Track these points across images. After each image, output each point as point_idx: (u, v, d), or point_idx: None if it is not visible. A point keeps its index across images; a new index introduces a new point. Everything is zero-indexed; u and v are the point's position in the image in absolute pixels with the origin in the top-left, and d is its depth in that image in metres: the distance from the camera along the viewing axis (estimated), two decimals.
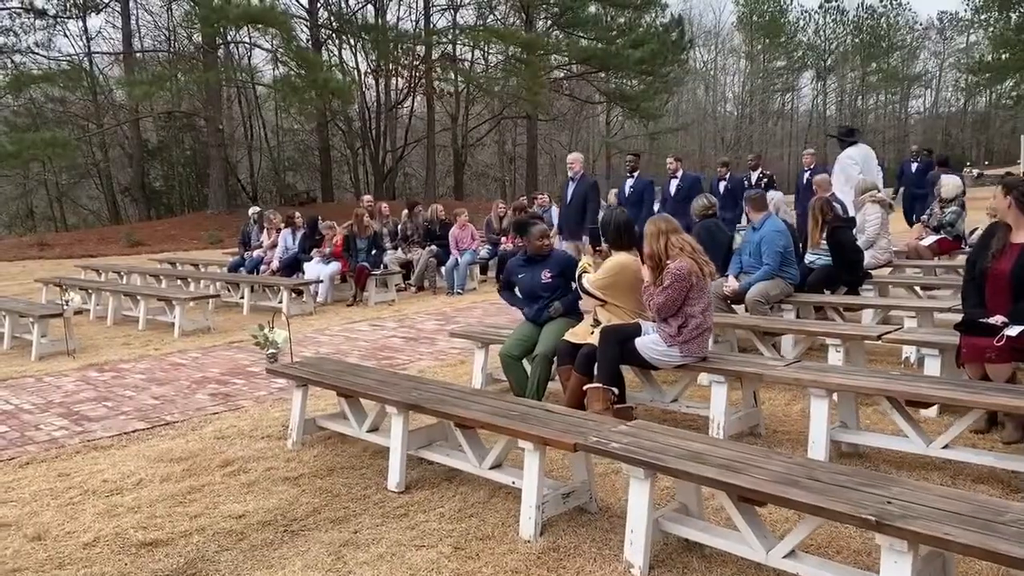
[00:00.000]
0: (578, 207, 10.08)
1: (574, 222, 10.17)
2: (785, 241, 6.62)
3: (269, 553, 3.57)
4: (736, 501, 3.00)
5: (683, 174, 11.33)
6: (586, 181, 10.26)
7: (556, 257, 5.75)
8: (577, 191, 10.14)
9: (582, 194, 10.08)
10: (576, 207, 10.12)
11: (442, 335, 8.71)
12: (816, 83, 67.06)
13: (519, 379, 5.52)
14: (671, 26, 39.11)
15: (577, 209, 10.12)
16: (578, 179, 10.22)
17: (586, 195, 10.06)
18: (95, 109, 36.95)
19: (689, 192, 10.62)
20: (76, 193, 43.29)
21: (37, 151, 27.19)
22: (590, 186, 10.24)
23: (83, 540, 3.75)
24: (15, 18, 34.67)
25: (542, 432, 3.54)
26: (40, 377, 7.33)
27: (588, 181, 10.29)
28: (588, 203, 10.02)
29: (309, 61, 28.26)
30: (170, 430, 5.49)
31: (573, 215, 10.20)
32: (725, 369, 4.59)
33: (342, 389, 4.73)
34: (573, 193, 10.19)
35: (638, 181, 11.02)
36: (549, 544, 3.50)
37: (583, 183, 10.19)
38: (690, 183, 11.15)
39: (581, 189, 10.12)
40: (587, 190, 10.14)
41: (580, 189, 10.12)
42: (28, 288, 15.06)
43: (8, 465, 4.87)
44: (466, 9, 38.69)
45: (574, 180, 10.25)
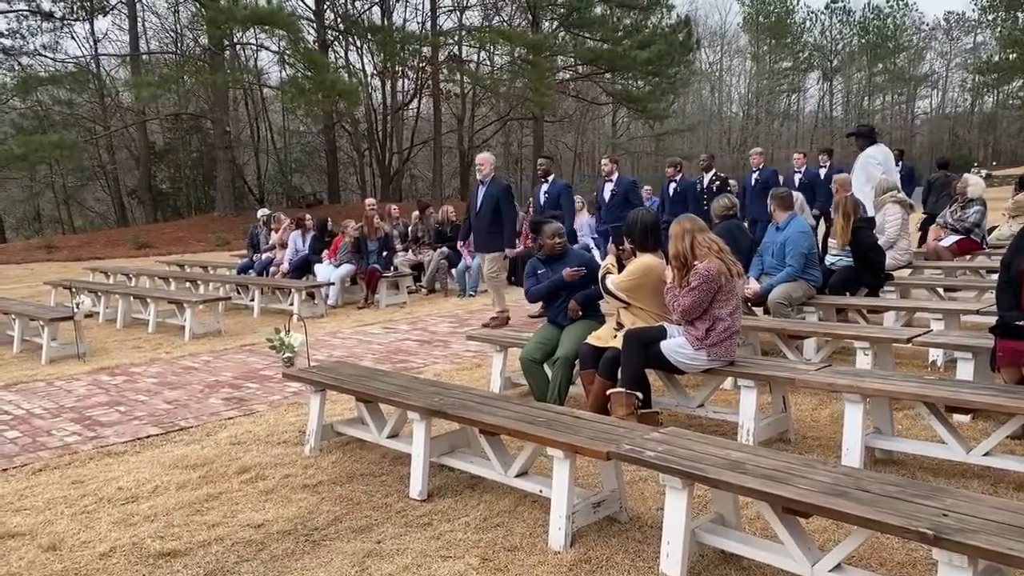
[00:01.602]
0: (489, 214, 8.79)
1: (485, 232, 8.89)
2: (810, 242, 6.50)
3: (291, 564, 3.47)
4: (780, 512, 2.89)
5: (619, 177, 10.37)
6: (498, 184, 8.90)
7: (573, 256, 5.65)
8: (488, 196, 8.82)
9: (493, 199, 8.76)
10: (487, 214, 8.81)
11: (456, 338, 8.61)
12: (822, 84, 66.94)
13: (540, 383, 5.41)
14: (678, 27, 38.96)
15: (488, 216, 8.81)
16: (488, 182, 8.88)
17: (498, 200, 8.76)
18: (102, 111, 37.03)
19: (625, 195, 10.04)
20: (83, 195, 43.37)
21: (44, 153, 27.20)
22: (502, 190, 8.87)
23: (99, 550, 3.65)
24: (22, 20, 34.76)
25: (572, 439, 3.43)
26: (51, 381, 7.25)
27: (500, 184, 8.94)
28: (502, 209, 8.75)
29: (316, 63, 28.21)
30: (185, 436, 5.39)
31: (483, 223, 8.88)
32: (755, 373, 4.47)
33: (362, 394, 4.63)
34: (483, 198, 8.86)
35: (553, 186, 9.68)
36: (580, 555, 3.39)
37: (494, 186, 8.85)
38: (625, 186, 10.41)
39: (492, 193, 8.80)
40: (499, 194, 8.80)
41: (491, 193, 8.80)
42: (36, 291, 15.01)
43: (21, 472, 4.78)
44: (472, 10, 38.67)
45: (484, 183, 8.91)
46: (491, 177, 8.92)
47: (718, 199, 7.16)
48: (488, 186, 8.87)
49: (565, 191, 9.73)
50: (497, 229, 8.82)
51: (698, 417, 5.02)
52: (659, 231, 5.08)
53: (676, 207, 10.37)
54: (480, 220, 8.94)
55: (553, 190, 9.62)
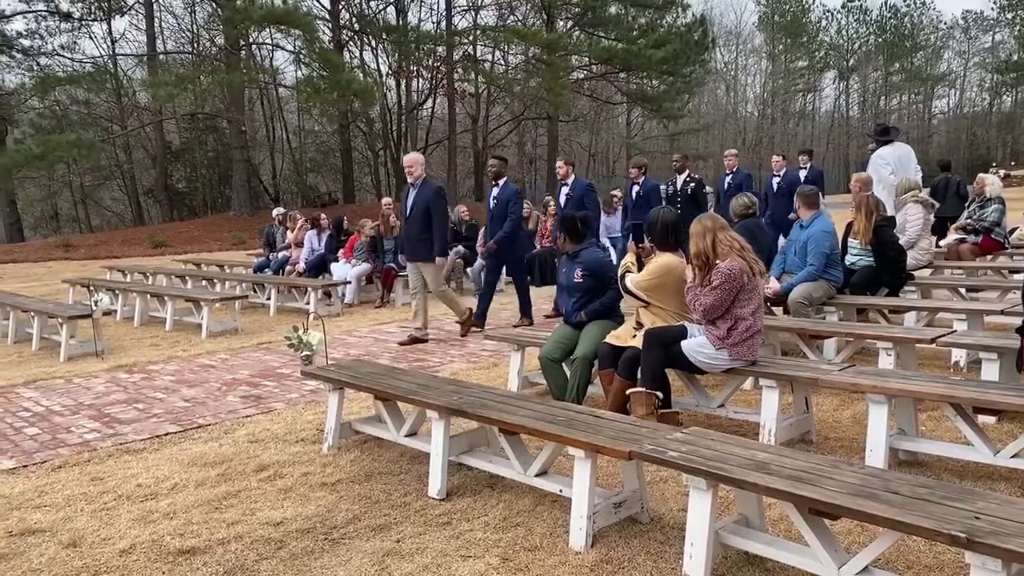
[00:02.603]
0: (419, 220, 8.05)
1: (415, 239, 8.14)
2: (832, 242, 6.44)
3: (310, 562, 3.45)
4: (805, 514, 2.85)
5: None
6: (429, 187, 8.13)
7: (586, 257, 5.57)
8: (418, 200, 8.09)
9: (424, 203, 8.03)
10: (416, 220, 8.07)
11: (472, 336, 8.59)
12: (838, 83, 66.60)
13: (559, 382, 5.38)
14: (693, 26, 38.83)
15: (418, 222, 8.07)
16: (419, 185, 8.14)
17: (428, 205, 8.03)
18: (119, 111, 37.30)
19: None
20: (100, 195, 43.71)
21: (62, 153, 27.40)
22: (433, 193, 8.10)
23: (119, 547, 3.65)
24: (41, 21, 35.06)
25: (594, 439, 3.40)
26: (69, 378, 7.28)
27: (431, 187, 8.15)
28: (432, 215, 8.01)
29: (332, 62, 28.29)
30: (203, 433, 5.39)
31: (413, 230, 8.14)
32: (777, 373, 4.42)
33: (380, 392, 4.61)
34: (413, 202, 8.14)
35: (504, 189, 9.01)
36: (601, 556, 3.35)
37: (425, 189, 8.09)
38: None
39: (423, 197, 8.06)
40: (430, 198, 8.05)
41: (421, 197, 8.06)
42: (54, 289, 15.12)
43: (41, 468, 4.79)
44: (487, 10, 38.67)
45: (414, 187, 8.16)
46: (422, 179, 8.18)
47: (737, 197, 7.11)
48: (418, 189, 8.15)
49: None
50: (429, 236, 8.07)
51: (718, 417, 4.98)
52: (680, 230, 5.03)
53: (640, 212, 9.67)
54: (410, 226, 8.21)
55: (503, 194, 8.97)
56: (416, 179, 8.16)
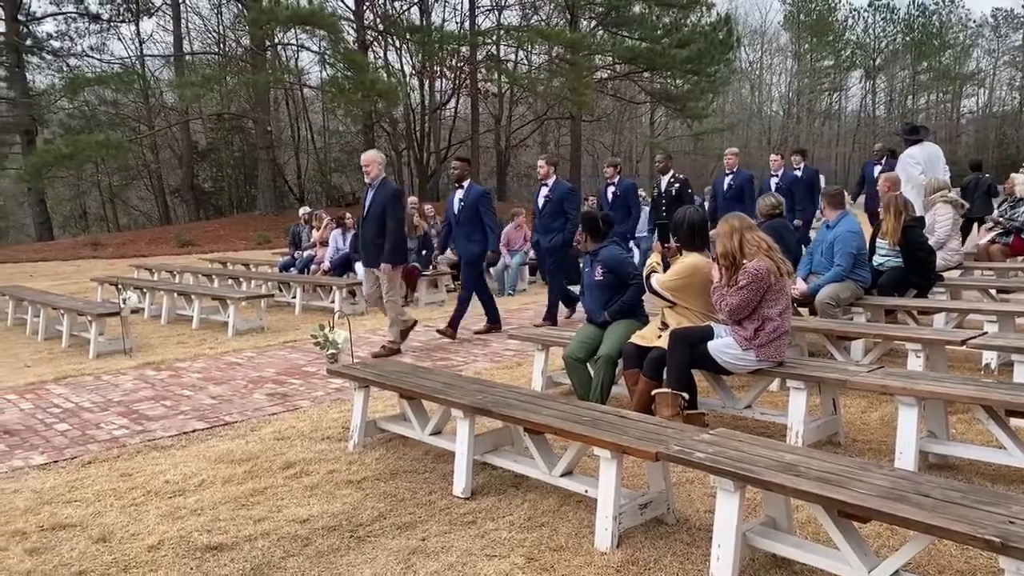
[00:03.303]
0: (375, 222, 7.59)
1: (371, 243, 7.69)
2: (859, 242, 6.37)
3: (336, 560, 3.47)
4: (835, 516, 2.82)
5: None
6: (386, 188, 7.66)
7: (604, 255, 5.54)
8: (374, 201, 7.62)
9: (380, 205, 7.56)
10: (372, 222, 7.61)
11: (495, 336, 8.61)
12: (865, 82, 65.82)
13: (583, 382, 5.37)
14: (718, 25, 38.55)
15: (374, 225, 7.60)
16: (376, 185, 7.65)
17: (385, 206, 7.55)
18: (146, 111, 37.74)
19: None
20: (127, 194, 44.24)
21: (91, 153, 27.75)
22: (391, 194, 7.64)
23: (148, 543, 3.68)
24: (71, 22, 35.57)
25: (620, 439, 3.39)
26: (98, 375, 7.37)
27: (389, 188, 7.70)
28: (387, 217, 7.52)
29: (356, 63, 28.41)
30: (229, 430, 5.44)
31: (369, 233, 7.68)
32: (805, 375, 4.38)
33: (406, 391, 4.62)
34: (369, 203, 7.68)
35: (471, 188, 8.51)
36: (627, 557, 3.34)
37: (382, 190, 7.63)
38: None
39: (380, 198, 7.60)
40: (386, 200, 7.58)
41: (379, 198, 7.60)
42: (83, 287, 15.31)
43: (71, 464, 4.86)
44: (510, 10, 38.66)
45: (372, 187, 7.68)
46: (380, 179, 7.69)
47: (764, 197, 7.06)
48: (376, 190, 7.67)
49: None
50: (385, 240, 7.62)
51: (744, 418, 4.95)
52: (707, 230, 5.00)
53: (617, 213, 9.58)
54: (366, 229, 7.76)
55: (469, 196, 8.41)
56: (373, 179, 7.69)
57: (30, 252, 27.69)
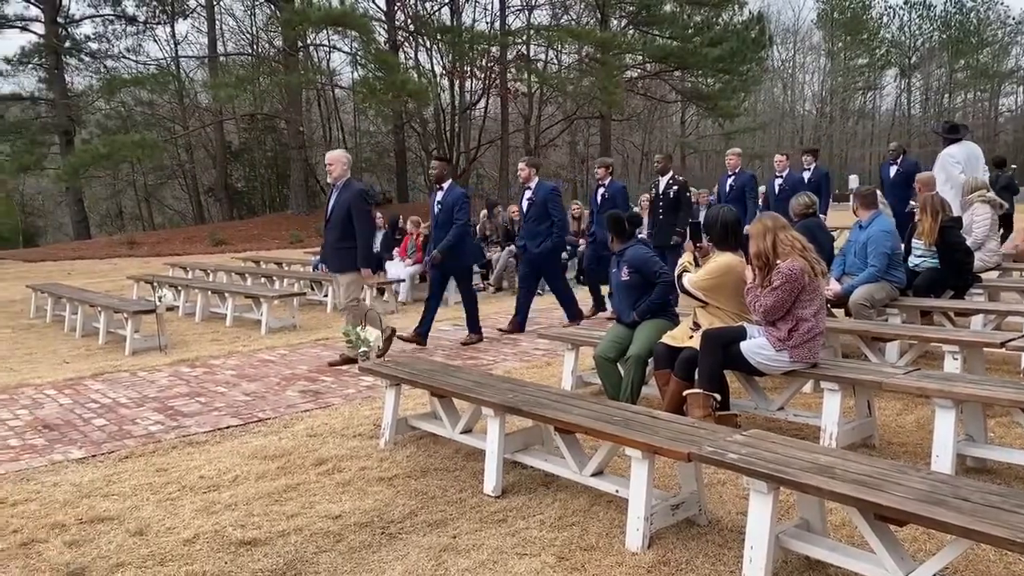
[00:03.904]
0: (339, 225, 7.22)
1: (333, 247, 7.34)
2: (893, 242, 6.29)
3: (368, 556, 3.49)
4: (871, 519, 2.78)
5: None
6: (351, 189, 7.26)
7: (630, 255, 5.51)
8: (339, 203, 7.25)
9: (344, 206, 7.19)
10: (337, 225, 7.24)
11: (524, 335, 8.61)
12: (900, 81, 64.87)
13: (613, 382, 5.35)
14: (750, 24, 38.25)
15: (338, 228, 7.23)
16: (340, 186, 7.30)
17: (350, 207, 7.17)
18: (181, 112, 38.28)
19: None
20: (162, 193, 44.92)
21: (127, 152, 28.22)
22: (356, 195, 7.21)
23: (183, 536, 3.74)
24: (108, 25, 36.19)
25: (652, 440, 3.37)
26: (134, 372, 7.48)
27: (354, 188, 7.28)
28: (354, 220, 7.16)
29: (387, 63, 28.59)
30: (263, 427, 5.50)
31: (332, 236, 7.32)
32: (839, 376, 4.33)
33: (437, 389, 4.64)
34: (333, 205, 7.31)
35: (452, 190, 8.02)
36: (658, 557, 3.33)
37: (347, 191, 7.24)
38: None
39: (344, 199, 7.22)
40: (351, 201, 7.18)
41: (342, 200, 7.23)
42: (119, 285, 15.56)
43: (108, 458, 4.94)
44: (541, 9, 38.64)
45: (336, 188, 7.33)
46: (344, 180, 7.32)
47: (797, 197, 6.98)
48: (339, 191, 7.30)
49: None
50: (350, 244, 7.23)
51: (777, 420, 4.90)
52: (740, 229, 4.96)
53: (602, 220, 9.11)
54: (330, 232, 7.34)
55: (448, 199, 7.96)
56: (337, 179, 7.33)
57: (68, 250, 28.22)
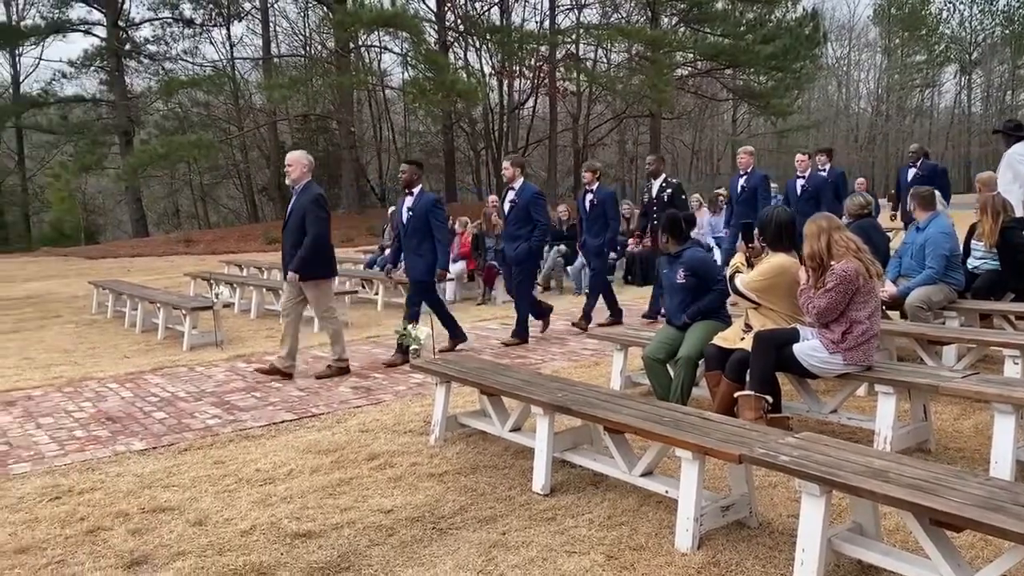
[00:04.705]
0: (296, 230, 6.82)
1: (289, 252, 6.92)
2: (952, 244, 6.16)
3: (419, 550, 3.55)
4: (926, 525, 2.75)
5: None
6: (309, 192, 6.86)
7: (687, 257, 5.47)
8: (296, 207, 6.88)
9: (301, 211, 6.81)
10: (294, 230, 6.84)
11: (573, 335, 8.62)
12: (960, 78, 63.13)
13: (663, 383, 5.34)
14: (804, 20, 37.61)
15: (295, 232, 6.82)
16: (299, 189, 6.91)
17: (305, 213, 6.79)
18: (236, 112, 39.06)
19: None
20: (217, 193, 45.91)
21: (184, 153, 28.91)
22: (312, 200, 6.82)
23: (240, 528, 3.84)
24: (166, 28, 37.10)
25: (702, 441, 3.37)
26: (192, 367, 7.68)
27: (311, 192, 6.87)
28: (308, 225, 6.74)
29: (437, 63, 28.80)
30: (316, 422, 5.61)
31: (289, 241, 6.92)
32: (894, 380, 4.27)
33: (486, 387, 4.69)
34: (291, 209, 6.95)
35: (422, 196, 7.56)
36: (708, 558, 3.32)
37: (305, 194, 6.86)
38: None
39: (301, 204, 6.84)
40: (307, 205, 6.80)
41: (300, 204, 6.86)
42: (176, 282, 15.96)
43: (169, 451, 5.09)
44: (590, 8, 38.51)
45: (296, 191, 6.95)
46: (303, 183, 6.94)
47: (852, 197, 6.88)
48: (298, 194, 6.94)
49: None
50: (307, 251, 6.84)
51: (830, 423, 4.84)
52: (794, 229, 4.91)
53: (593, 224, 8.92)
54: (287, 236, 6.96)
55: (419, 204, 7.54)
56: (295, 181, 6.94)
57: (127, 248, 29.04)
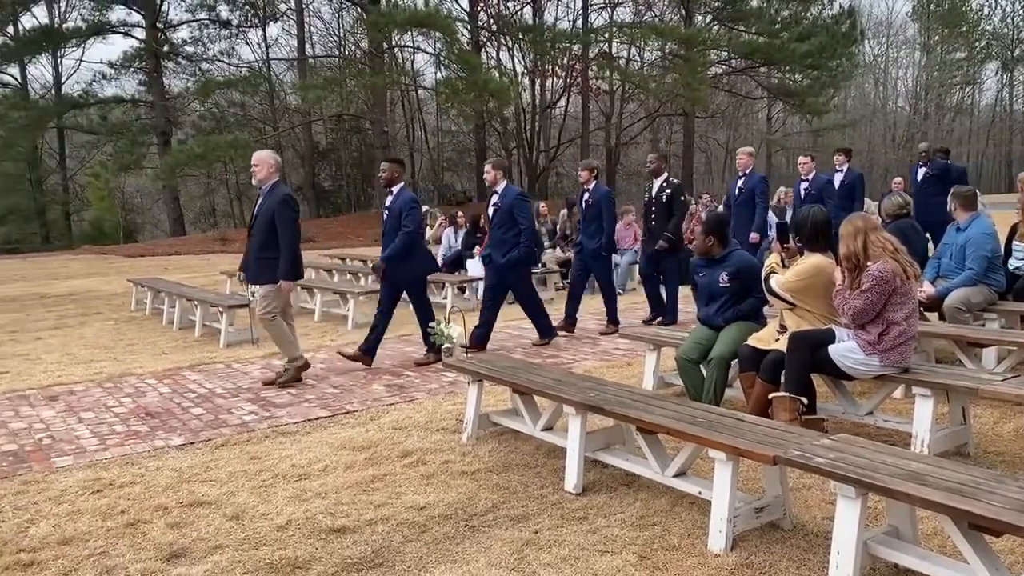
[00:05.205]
0: (262, 233, 6.58)
1: (255, 256, 6.70)
2: (993, 245, 6.06)
3: (452, 547, 3.58)
4: (965, 529, 2.71)
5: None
6: (276, 193, 6.61)
7: (734, 259, 5.43)
8: (262, 209, 6.63)
9: (268, 213, 6.56)
10: (260, 232, 6.60)
11: (605, 335, 8.60)
12: (1001, 75, 61.85)
13: (696, 384, 5.31)
14: (840, 18, 37.09)
15: (260, 235, 6.60)
16: (265, 190, 6.67)
17: (273, 214, 6.54)
18: (271, 113, 39.45)
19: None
20: (253, 192, 46.30)
21: (220, 153, 29.27)
22: (279, 201, 6.56)
23: (276, 522, 3.90)
24: (203, 29, 37.61)
25: (736, 442, 3.36)
26: (229, 363, 7.79)
27: (278, 193, 6.61)
28: (278, 228, 6.53)
29: (470, 63, 28.87)
30: (350, 419, 5.67)
31: (255, 244, 6.69)
32: (933, 382, 4.21)
33: (518, 386, 4.71)
34: (257, 211, 6.72)
35: (401, 194, 7.40)
36: (741, 560, 3.31)
37: (271, 196, 6.60)
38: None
39: (268, 205, 6.59)
40: (275, 207, 6.54)
41: (266, 205, 6.61)
42: (212, 280, 16.17)
43: (206, 446, 5.18)
44: (624, 6, 38.35)
45: (262, 192, 6.71)
46: (270, 183, 6.66)
47: (890, 198, 6.78)
48: (264, 196, 6.67)
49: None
50: (272, 255, 6.56)
51: (866, 425, 4.79)
52: (831, 229, 4.86)
53: (588, 225, 8.69)
54: (253, 239, 6.71)
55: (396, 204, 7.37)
56: (261, 181, 6.68)
57: (165, 246, 29.48)
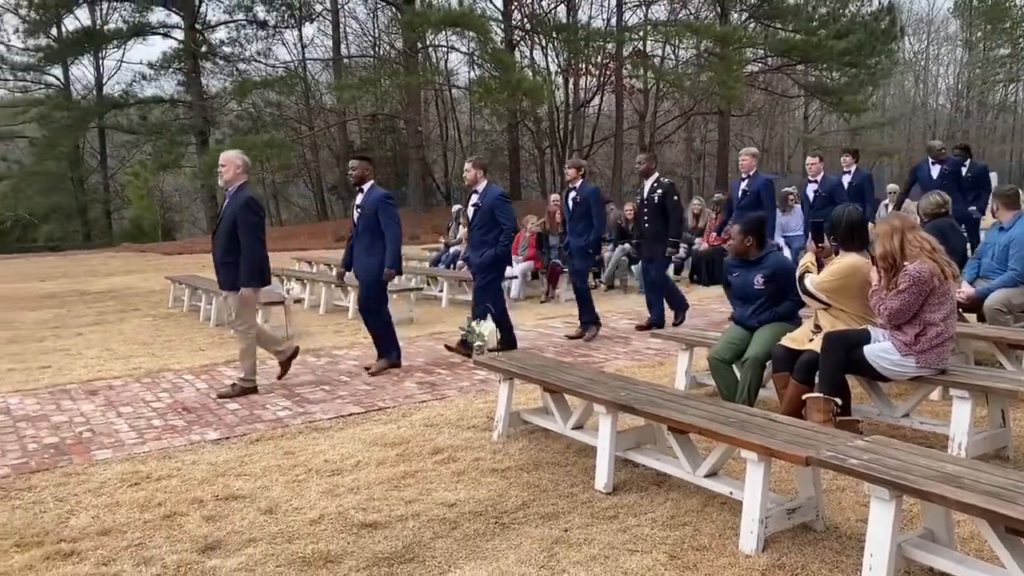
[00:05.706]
0: (225, 237, 6.32)
1: (220, 261, 6.43)
2: None
3: (482, 544, 3.60)
4: (1001, 533, 2.67)
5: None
6: (240, 196, 6.31)
7: (771, 261, 5.37)
8: (227, 212, 6.38)
9: (231, 217, 6.29)
10: (223, 237, 6.34)
11: (636, 334, 8.58)
12: None
13: (728, 384, 5.28)
14: (879, 14, 36.52)
15: (224, 239, 6.34)
16: (231, 192, 6.40)
17: (235, 218, 6.26)
18: (307, 113, 39.81)
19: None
20: (288, 191, 46.93)
21: (257, 152, 29.56)
22: (242, 205, 6.25)
23: (309, 517, 3.95)
24: (240, 30, 38.09)
25: (769, 442, 3.33)
26: (263, 360, 7.86)
27: (242, 196, 6.30)
28: (240, 232, 6.22)
29: (503, 62, 28.91)
30: (382, 415, 5.72)
31: (218, 249, 6.42)
32: (971, 384, 4.14)
33: (549, 385, 4.72)
34: (222, 215, 6.51)
35: (372, 192, 7.07)
36: (773, 561, 3.29)
37: (236, 199, 6.31)
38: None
39: (231, 208, 6.31)
40: (237, 210, 6.24)
41: (230, 209, 6.33)
42: None
43: (241, 440, 5.26)
44: (658, 4, 38.11)
45: (228, 192, 6.44)
46: (236, 184, 6.38)
47: (928, 196, 6.67)
48: (230, 197, 6.39)
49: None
50: (235, 259, 6.29)
51: (902, 428, 4.72)
52: (866, 229, 4.80)
53: (576, 224, 8.51)
54: (216, 244, 6.44)
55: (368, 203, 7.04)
56: (228, 183, 6.42)
57: (202, 244, 29.85)
